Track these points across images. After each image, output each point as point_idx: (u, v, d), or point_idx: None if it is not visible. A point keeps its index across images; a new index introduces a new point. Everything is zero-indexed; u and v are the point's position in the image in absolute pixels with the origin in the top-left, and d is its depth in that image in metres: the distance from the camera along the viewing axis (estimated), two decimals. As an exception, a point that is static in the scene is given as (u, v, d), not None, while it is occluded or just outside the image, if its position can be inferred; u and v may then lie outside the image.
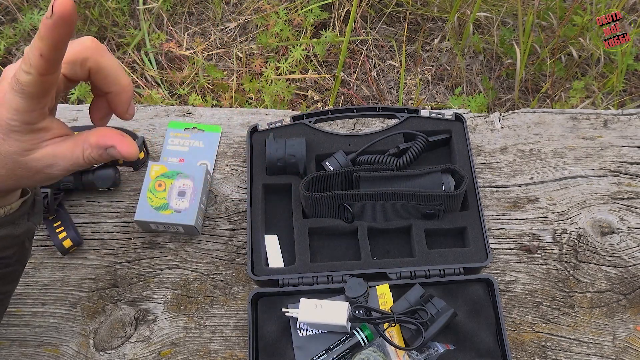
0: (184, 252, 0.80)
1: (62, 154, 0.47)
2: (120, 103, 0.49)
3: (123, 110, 0.49)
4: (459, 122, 0.83)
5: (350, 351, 0.68)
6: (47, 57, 0.41)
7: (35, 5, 1.74)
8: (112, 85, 0.47)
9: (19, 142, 0.45)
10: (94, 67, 0.46)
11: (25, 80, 0.42)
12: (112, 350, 0.74)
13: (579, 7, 1.59)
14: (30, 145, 0.46)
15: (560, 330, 0.75)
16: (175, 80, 1.68)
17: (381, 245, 0.79)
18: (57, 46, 0.41)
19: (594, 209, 0.82)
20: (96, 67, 0.46)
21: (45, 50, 0.40)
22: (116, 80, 0.47)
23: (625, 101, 1.60)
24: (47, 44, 0.40)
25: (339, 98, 1.69)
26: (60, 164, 0.47)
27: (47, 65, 0.41)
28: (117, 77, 0.47)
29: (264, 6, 1.75)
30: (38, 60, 0.41)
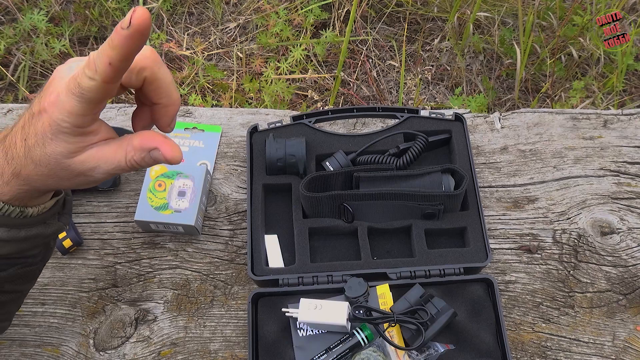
0: (184, 252, 0.81)
1: (105, 157, 0.47)
2: (165, 116, 0.49)
3: (166, 123, 0.49)
4: (459, 122, 0.83)
5: (350, 351, 0.68)
6: (116, 66, 0.41)
7: (35, 5, 1.74)
8: (163, 97, 0.48)
9: (66, 144, 0.45)
10: (150, 77, 0.46)
11: (88, 85, 0.42)
12: (112, 350, 0.74)
13: (579, 7, 1.59)
14: (76, 147, 0.46)
15: (560, 330, 0.75)
16: (175, 80, 1.68)
17: (381, 245, 0.79)
18: (128, 56, 0.41)
19: (594, 209, 0.82)
20: (152, 77, 0.46)
21: (115, 59, 0.41)
22: (168, 93, 0.48)
23: (625, 101, 1.60)
24: (119, 54, 0.40)
25: (339, 98, 1.69)
26: (102, 167, 0.47)
27: (114, 74, 0.42)
28: (170, 90, 0.48)
29: (264, 6, 1.75)
30: (105, 68, 0.41)
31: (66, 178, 0.48)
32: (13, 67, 1.67)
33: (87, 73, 0.42)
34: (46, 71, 1.69)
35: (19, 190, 0.49)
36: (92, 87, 0.42)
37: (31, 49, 1.68)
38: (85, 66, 0.42)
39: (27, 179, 0.48)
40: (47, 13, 1.70)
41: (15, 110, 0.92)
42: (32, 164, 0.46)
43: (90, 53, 0.42)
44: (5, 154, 0.48)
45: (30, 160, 0.46)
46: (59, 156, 0.46)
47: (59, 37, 1.70)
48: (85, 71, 0.42)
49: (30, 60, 1.68)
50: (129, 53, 0.41)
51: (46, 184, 0.49)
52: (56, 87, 0.44)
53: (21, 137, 0.46)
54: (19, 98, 1.66)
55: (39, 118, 0.44)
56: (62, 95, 0.43)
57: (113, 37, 0.40)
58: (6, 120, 0.91)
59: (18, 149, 0.47)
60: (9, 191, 0.49)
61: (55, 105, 0.43)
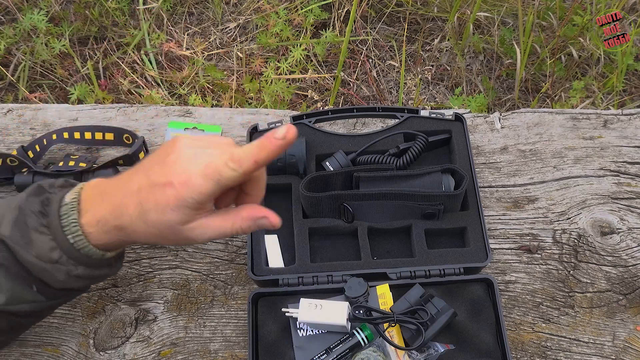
0: (184, 252, 0.81)
1: (213, 226, 0.55)
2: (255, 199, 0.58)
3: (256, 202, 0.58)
4: (459, 122, 0.83)
5: (350, 351, 0.68)
6: (259, 164, 0.52)
7: (35, 5, 1.74)
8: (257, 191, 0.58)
9: (184, 215, 0.53)
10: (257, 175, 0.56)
11: (230, 175, 0.51)
12: (112, 350, 0.74)
13: (579, 7, 1.59)
14: (191, 218, 0.53)
15: (560, 330, 0.75)
16: (175, 80, 1.68)
17: (381, 245, 0.79)
18: (271, 158, 0.52)
19: (594, 209, 0.83)
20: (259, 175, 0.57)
21: (261, 159, 0.52)
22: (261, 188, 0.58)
23: (625, 101, 1.60)
24: (267, 156, 0.51)
25: (339, 98, 1.69)
26: (207, 234, 0.55)
27: (254, 169, 0.52)
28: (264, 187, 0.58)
29: (264, 6, 1.75)
30: (251, 165, 0.51)
31: (171, 239, 0.55)
32: (13, 67, 1.67)
33: (230, 165, 0.51)
34: (46, 71, 1.69)
35: (115, 240, 0.56)
36: (233, 177, 0.52)
37: (31, 49, 1.68)
38: (229, 159, 0.51)
39: (130, 234, 0.55)
40: (47, 13, 1.70)
41: (15, 110, 0.92)
42: (143, 224, 0.53)
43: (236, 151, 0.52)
44: (113, 210, 0.54)
45: (142, 221, 0.53)
46: (174, 224, 0.53)
47: (59, 37, 1.70)
48: (229, 164, 0.51)
49: (30, 60, 1.68)
50: (274, 156, 0.52)
51: (148, 240, 0.56)
52: (186, 168, 0.52)
53: (136, 200, 0.53)
54: (19, 98, 1.66)
55: (162, 190, 0.52)
56: (196, 179, 0.51)
57: (265, 143, 0.51)
58: (6, 120, 0.91)
59: (131, 210, 0.53)
60: (104, 239, 0.55)
61: (186, 186, 0.51)
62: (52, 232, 0.54)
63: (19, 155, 0.81)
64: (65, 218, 0.54)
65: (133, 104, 0.95)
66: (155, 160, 0.55)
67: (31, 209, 0.55)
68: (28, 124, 0.91)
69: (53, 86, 1.70)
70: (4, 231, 0.55)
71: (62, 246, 0.54)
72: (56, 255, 0.54)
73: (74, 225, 0.54)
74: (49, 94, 1.67)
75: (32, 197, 0.56)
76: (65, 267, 0.55)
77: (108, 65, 1.72)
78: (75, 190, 0.57)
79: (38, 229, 0.54)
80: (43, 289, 0.57)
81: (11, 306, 0.56)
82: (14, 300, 0.56)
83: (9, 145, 0.89)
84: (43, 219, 0.55)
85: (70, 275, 0.56)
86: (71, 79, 1.70)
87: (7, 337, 0.63)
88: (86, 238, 0.55)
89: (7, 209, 0.56)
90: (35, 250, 0.54)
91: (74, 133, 0.86)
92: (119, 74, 1.69)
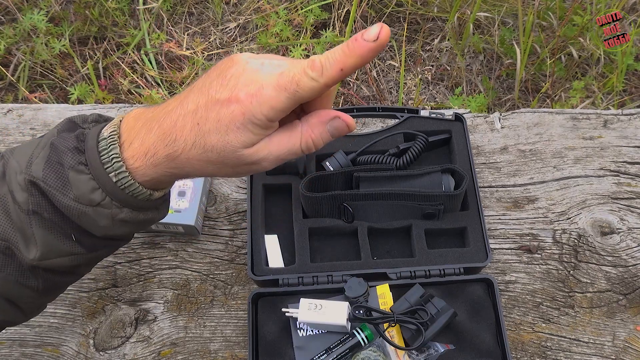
0: (184, 252, 0.81)
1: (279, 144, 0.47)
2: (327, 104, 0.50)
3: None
4: (459, 122, 0.83)
5: (350, 351, 0.68)
6: (346, 72, 0.43)
7: (35, 5, 1.74)
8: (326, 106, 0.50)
9: (251, 134, 0.46)
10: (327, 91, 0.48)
11: (309, 85, 0.44)
12: (112, 350, 0.74)
13: (579, 7, 1.59)
14: (257, 138, 0.46)
15: (560, 330, 0.75)
16: (176, 80, 1.68)
17: (381, 245, 0.79)
18: (361, 65, 0.43)
19: (594, 209, 0.83)
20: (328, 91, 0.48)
21: (349, 66, 0.43)
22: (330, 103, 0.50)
23: (625, 101, 1.60)
24: (355, 62, 0.43)
25: (339, 98, 1.69)
26: (273, 155, 0.48)
27: (339, 78, 0.44)
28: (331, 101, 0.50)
29: (264, 6, 1.75)
30: (335, 73, 0.43)
31: (230, 166, 0.48)
32: (13, 67, 1.67)
33: (311, 74, 0.43)
34: (46, 71, 1.69)
35: (165, 173, 0.49)
36: (312, 88, 0.44)
37: (31, 49, 1.68)
38: (308, 67, 0.44)
39: (183, 163, 0.47)
40: (47, 13, 1.70)
41: (15, 110, 0.92)
42: (200, 149, 0.46)
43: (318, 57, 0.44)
44: (164, 135, 0.47)
45: (200, 146, 0.46)
46: (238, 145, 0.46)
47: (59, 37, 1.70)
48: (308, 72, 0.43)
49: (30, 60, 1.68)
50: (364, 62, 0.43)
51: (203, 171, 0.48)
52: (255, 79, 0.44)
53: (193, 121, 0.46)
54: (19, 98, 1.66)
55: (226, 106, 0.45)
56: (268, 90, 0.44)
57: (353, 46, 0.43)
58: (6, 120, 0.91)
59: (186, 133, 0.46)
60: (153, 173, 0.48)
61: (255, 99, 0.44)
62: (92, 170, 0.47)
63: (19, 155, 0.81)
64: (105, 153, 0.48)
65: (133, 104, 0.95)
66: (212, 76, 0.47)
67: (66, 146, 0.48)
68: (28, 124, 0.91)
69: (53, 86, 1.70)
70: (35, 172, 0.48)
71: (105, 186, 0.48)
72: (98, 197, 0.48)
73: (116, 161, 0.47)
74: (49, 94, 1.67)
75: (65, 132, 0.50)
76: (108, 210, 0.48)
77: (108, 65, 1.72)
78: (113, 123, 0.50)
79: (75, 168, 0.47)
80: (83, 238, 0.50)
81: (47, 261, 0.50)
82: (50, 253, 0.50)
83: (9, 145, 0.89)
84: (80, 155, 0.48)
85: (115, 220, 0.49)
86: (71, 79, 1.70)
87: (40, 299, 0.56)
88: (131, 174, 0.48)
89: (34, 148, 0.49)
90: (74, 192, 0.47)
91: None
92: (119, 74, 1.69)
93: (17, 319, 0.58)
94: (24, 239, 0.50)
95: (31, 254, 0.50)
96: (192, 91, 0.47)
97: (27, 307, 0.56)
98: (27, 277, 0.52)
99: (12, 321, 0.58)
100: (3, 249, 0.50)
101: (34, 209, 0.48)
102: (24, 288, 0.52)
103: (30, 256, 0.50)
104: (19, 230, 0.49)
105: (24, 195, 0.48)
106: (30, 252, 0.50)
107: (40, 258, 0.50)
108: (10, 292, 0.52)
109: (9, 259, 0.50)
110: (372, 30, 0.43)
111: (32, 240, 0.49)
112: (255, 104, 0.44)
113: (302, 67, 0.44)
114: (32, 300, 0.55)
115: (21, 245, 0.50)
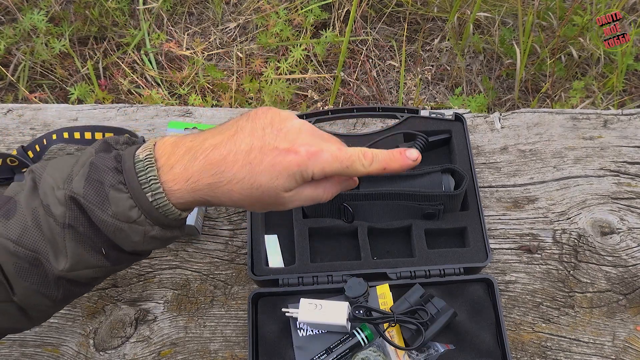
0: (184, 252, 0.81)
1: (306, 194, 0.56)
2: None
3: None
4: (459, 122, 0.83)
5: (350, 351, 0.68)
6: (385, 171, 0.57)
7: (35, 5, 1.74)
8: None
9: (295, 183, 0.53)
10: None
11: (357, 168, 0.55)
12: (112, 350, 0.74)
13: (579, 7, 1.59)
14: (296, 186, 0.54)
15: (560, 330, 0.75)
16: (175, 80, 1.68)
17: (381, 245, 0.79)
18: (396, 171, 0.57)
19: (594, 209, 0.83)
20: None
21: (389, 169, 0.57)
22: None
23: (625, 101, 1.60)
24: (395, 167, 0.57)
25: (339, 98, 1.69)
26: (298, 202, 0.56)
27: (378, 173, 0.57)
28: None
29: (264, 6, 1.75)
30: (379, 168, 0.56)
31: (266, 202, 0.54)
32: (13, 67, 1.67)
33: (363, 162, 0.55)
34: (46, 71, 1.69)
35: (200, 199, 0.53)
36: (358, 171, 0.55)
37: (31, 49, 1.68)
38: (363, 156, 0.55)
39: (223, 193, 0.52)
40: (47, 13, 1.70)
41: (15, 110, 0.92)
42: (247, 184, 0.52)
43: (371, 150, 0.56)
44: (210, 166, 0.52)
45: (247, 181, 0.52)
46: (282, 188, 0.53)
47: (59, 37, 1.70)
48: (362, 159, 0.55)
49: (30, 60, 1.68)
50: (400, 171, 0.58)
51: (237, 202, 0.54)
52: (315, 142, 0.53)
53: (245, 160, 0.51)
54: (19, 98, 1.66)
55: (283, 155, 0.52)
56: (326, 155, 0.53)
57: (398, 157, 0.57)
58: (6, 120, 0.91)
59: (236, 169, 0.51)
60: (190, 197, 0.53)
61: (314, 157, 0.52)
62: (130, 190, 0.51)
63: (19, 155, 0.81)
64: (142, 175, 0.52)
65: (133, 104, 0.95)
66: (263, 124, 0.53)
67: (106, 165, 0.52)
68: (28, 124, 0.91)
69: (53, 86, 1.70)
70: (76, 189, 0.51)
71: (142, 204, 0.51)
72: (135, 214, 0.51)
73: (154, 182, 0.51)
74: (49, 94, 1.67)
75: (102, 153, 0.53)
76: (142, 227, 0.52)
77: (108, 65, 1.72)
78: (147, 147, 0.54)
79: (115, 186, 0.51)
80: (111, 252, 0.54)
81: (73, 272, 0.53)
82: (79, 265, 0.53)
83: (9, 145, 0.89)
84: (119, 175, 0.52)
85: (146, 236, 0.53)
86: (71, 79, 1.70)
87: (54, 309, 0.59)
88: (167, 196, 0.52)
89: (73, 165, 0.53)
90: (113, 209, 0.51)
91: (74, 133, 0.86)
92: (119, 74, 1.69)
93: (21, 327, 0.60)
94: (54, 250, 0.52)
95: (60, 265, 0.53)
96: (241, 131, 0.53)
97: (36, 316, 0.58)
98: (49, 287, 0.54)
99: (16, 328, 0.60)
100: (31, 260, 0.52)
101: (70, 222, 0.51)
102: (43, 298, 0.55)
103: (60, 267, 0.53)
104: (49, 242, 0.52)
105: (61, 209, 0.51)
106: (60, 263, 0.53)
107: (69, 269, 0.53)
108: (28, 300, 0.55)
109: (34, 268, 0.53)
110: (414, 153, 0.57)
111: (63, 252, 0.52)
112: (312, 161, 0.52)
113: (357, 152, 0.55)
114: (45, 309, 0.58)
115: (51, 256, 0.53)
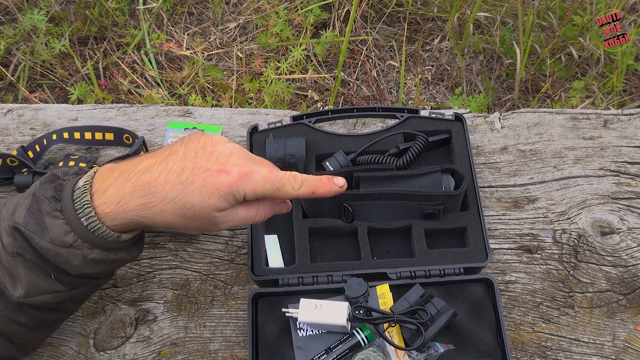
0: (184, 252, 0.81)
1: (240, 214, 0.57)
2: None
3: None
4: (459, 122, 0.83)
5: (350, 351, 0.68)
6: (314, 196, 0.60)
7: (35, 5, 1.74)
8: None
9: (227, 203, 0.55)
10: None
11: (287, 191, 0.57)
12: (112, 350, 0.74)
13: (579, 7, 1.59)
14: (229, 207, 0.56)
15: (560, 330, 0.75)
16: (175, 80, 1.68)
17: (381, 245, 0.79)
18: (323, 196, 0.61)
19: (594, 209, 0.83)
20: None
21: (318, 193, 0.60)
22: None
23: (625, 101, 1.60)
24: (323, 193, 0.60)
25: (339, 98, 1.69)
26: (231, 222, 0.57)
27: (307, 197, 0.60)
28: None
29: (264, 6, 1.75)
30: (309, 193, 0.59)
31: (199, 222, 0.56)
32: (13, 67, 1.67)
33: (293, 184, 0.58)
34: (46, 71, 1.69)
35: (132, 220, 0.55)
36: (288, 193, 0.58)
37: (31, 49, 1.68)
38: (293, 179, 0.58)
39: (155, 214, 0.54)
40: (47, 13, 1.70)
41: (15, 110, 0.92)
42: (179, 204, 0.53)
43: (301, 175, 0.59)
44: (141, 187, 0.54)
45: (178, 202, 0.53)
46: (214, 208, 0.54)
47: (59, 37, 1.70)
48: (292, 182, 0.58)
49: (30, 60, 1.68)
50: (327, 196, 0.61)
51: (170, 223, 0.55)
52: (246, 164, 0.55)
53: (177, 180, 0.53)
54: (19, 98, 1.66)
55: (214, 175, 0.53)
56: (258, 177, 0.55)
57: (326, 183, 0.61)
58: (6, 120, 0.91)
59: (168, 189, 0.53)
60: (123, 219, 0.55)
61: (246, 178, 0.54)
62: (66, 216, 0.54)
63: (19, 155, 0.81)
64: (78, 201, 0.54)
65: (133, 104, 0.95)
66: (195, 148, 0.55)
67: (44, 195, 0.55)
68: (28, 124, 0.91)
69: (53, 86, 1.70)
70: (18, 219, 0.55)
71: (76, 229, 0.54)
72: (70, 239, 0.54)
73: (87, 207, 0.54)
74: (49, 94, 1.67)
75: (46, 184, 0.57)
76: (80, 251, 0.55)
77: (108, 65, 1.72)
78: (88, 174, 0.57)
79: (51, 214, 0.54)
80: (61, 277, 0.56)
81: (31, 298, 0.56)
82: (33, 291, 0.56)
83: (9, 145, 0.89)
84: (56, 203, 0.55)
85: (86, 260, 0.55)
86: (71, 79, 1.70)
87: (31, 335, 0.61)
88: (100, 219, 0.54)
89: (21, 198, 0.57)
90: (50, 235, 0.54)
91: (74, 133, 0.86)
92: (119, 74, 1.69)
93: (15, 354, 0.63)
94: (11, 278, 0.56)
95: (17, 292, 0.56)
96: (174, 154, 0.55)
97: (20, 343, 0.61)
98: (16, 314, 0.57)
99: (11, 356, 0.63)
100: None
101: (17, 251, 0.55)
102: (15, 324, 0.58)
103: (17, 294, 0.56)
104: (7, 271, 0.56)
105: (9, 239, 0.55)
106: (17, 290, 0.56)
107: (25, 295, 0.56)
108: (3, 327, 0.58)
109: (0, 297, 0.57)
110: (340, 180, 0.62)
111: (18, 280, 0.56)
112: (244, 182, 0.54)
113: (288, 175, 0.58)
114: (23, 336, 0.60)
115: (9, 284, 0.56)
